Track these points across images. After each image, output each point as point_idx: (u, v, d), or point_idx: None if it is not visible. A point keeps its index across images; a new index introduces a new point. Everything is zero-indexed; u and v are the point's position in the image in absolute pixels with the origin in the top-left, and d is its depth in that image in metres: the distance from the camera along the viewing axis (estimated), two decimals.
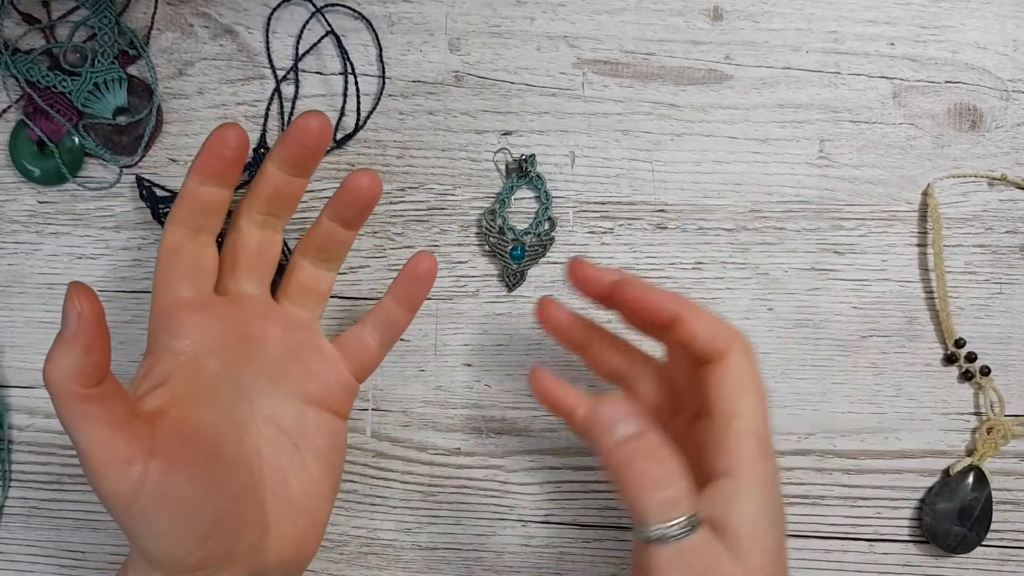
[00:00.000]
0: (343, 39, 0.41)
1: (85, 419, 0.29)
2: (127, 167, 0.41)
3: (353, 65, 0.41)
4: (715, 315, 0.33)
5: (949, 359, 0.42)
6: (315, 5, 0.41)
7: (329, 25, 0.41)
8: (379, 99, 0.41)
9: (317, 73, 0.41)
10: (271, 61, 0.41)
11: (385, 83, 0.41)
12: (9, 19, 0.40)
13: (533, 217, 0.42)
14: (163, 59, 0.41)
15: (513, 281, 0.42)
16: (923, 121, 0.42)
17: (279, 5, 0.41)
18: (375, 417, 0.42)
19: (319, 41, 0.41)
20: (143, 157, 0.41)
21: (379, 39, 0.41)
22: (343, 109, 0.41)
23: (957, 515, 0.41)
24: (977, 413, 0.42)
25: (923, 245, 0.42)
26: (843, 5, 0.42)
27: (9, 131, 0.41)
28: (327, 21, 0.41)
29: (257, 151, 0.41)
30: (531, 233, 0.41)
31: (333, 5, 0.41)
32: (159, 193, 0.41)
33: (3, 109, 0.41)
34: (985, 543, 0.42)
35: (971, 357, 0.42)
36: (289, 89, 0.41)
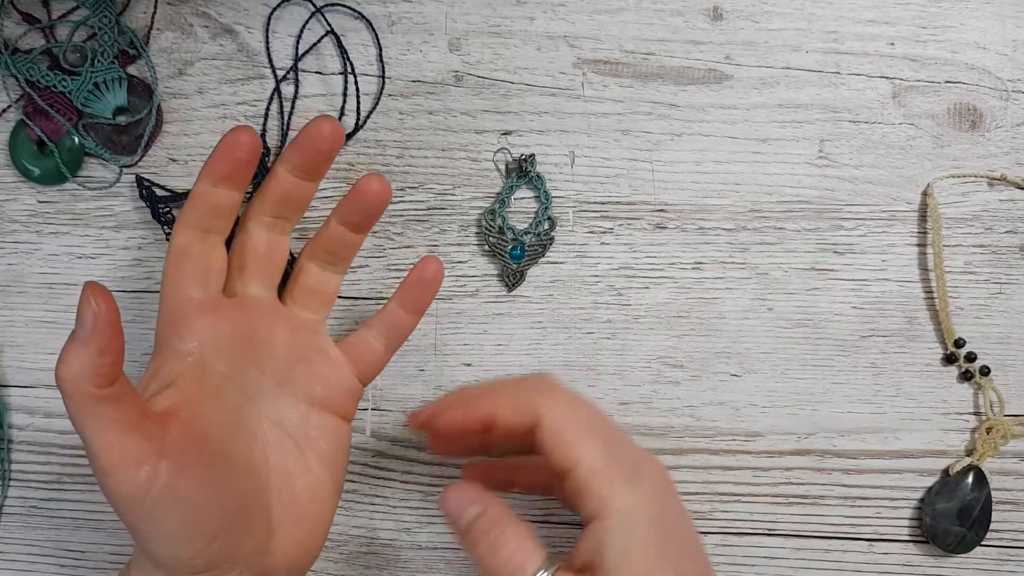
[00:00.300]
0: (343, 39, 0.41)
1: (97, 419, 0.29)
2: (127, 167, 0.41)
3: (353, 65, 0.41)
4: (513, 387, 0.33)
5: (949, 359, 0.42)
6: (315, 5, 0.41)
7: (329, 25, 0.41)
8: (379, 99, 0.41)
9: (317, 73, 0.41)
10: (271, 61, 0.41)
11: (385, 83, 0.41)
12: (9, 19, 0.40)
13: (533, 217, 0.42)
14: (163, 59, 0.41)
15: (513, 281, 0.42)
16: (923, 121, 0.42)
17: (279, 5, 0.41)
18: (375, 417, 0.42)
19: (319, 41, 0.41)
20: (143, 157, 0.41)
21: (379, 39, 0.41)
22: (343, 109, 0.41)
23: (957, 515, 0.41)
24: (977, 413, 0.42)
25: (923, 245, 0.42)
26: (843, 5, 0.42)
27: (9, 131, 0.41)
28: (327, 21, 0.41)
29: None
30: (531, 233, 0.41)
31: (333, 5, 0.41)
32: (159, 193, 0.41)
33: (3, 109, 0.41)
34: (984, 543, 0.42)
35: (971, 357, 0.42)
36: (289, 89, 0.41)
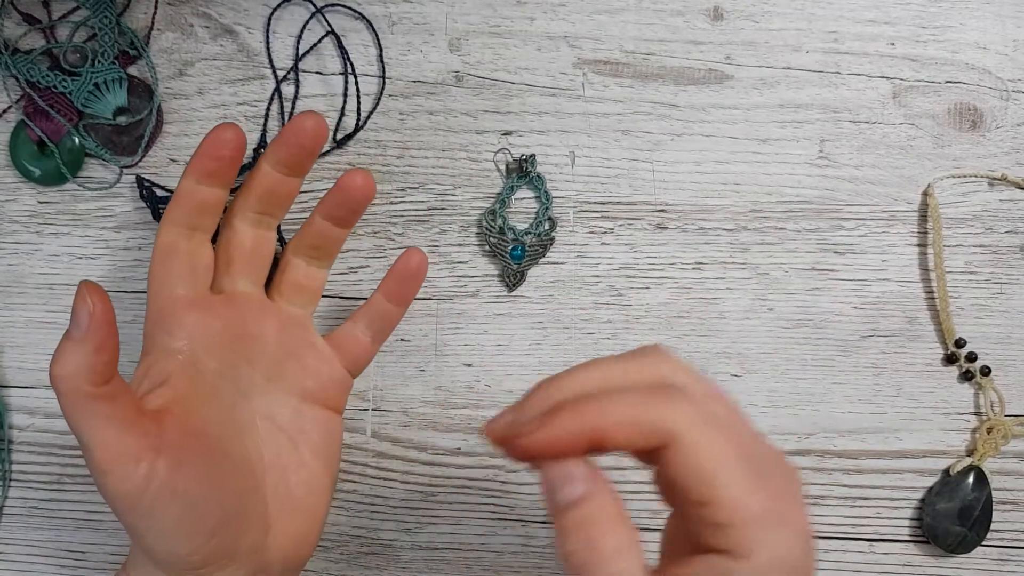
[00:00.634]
0: (343, 39, 0.41)
1: (93, 417, 0.29)
2: (127, 167, 0.41)
3: (353, 65, 0.41)
4: (631, 398, 0.26)
5: (949, 359, 0.42)
6: (315, 5, 0.41)
7: (329, 25, 0.41)
8: (379, 99, 0.41)
9: (317, 73, 0.41)
10: (271, 61, 0.41)
11: (385, 83, 0.41)
12: (9, 19, 0.40)
13: (533, 217, 0.42)
14: (163, 59, 0.41)
15: (513, 281, 0.42)
16: (923, 121, 0.42)
17: (279, 5, 0.41)
18: (375, 417, 0.42)
19: (319, 41, 0.41)
20: (143, 157, 0.41)
21: (379, 39, 0.41)
22: (343, 109, 0.41)
23: (957, 515, 0.41)
24: (977, 413, 0.42)
25: (923, 245, 0.42)
26: (843, 5, 0.42)
27: (9, 131, 0.41)
28: (327, 21, 0.41)
29: (257, 151, 0.41)
30: (531, 233, 0.41)
31: (333, 5, 0.41)
32: (159, 193, 0.41)
33: (3, 109, 0.41)
34: (985, 543, 0.42)
35: (971, 357, 0.42)
36: (289, 89, 0.41)
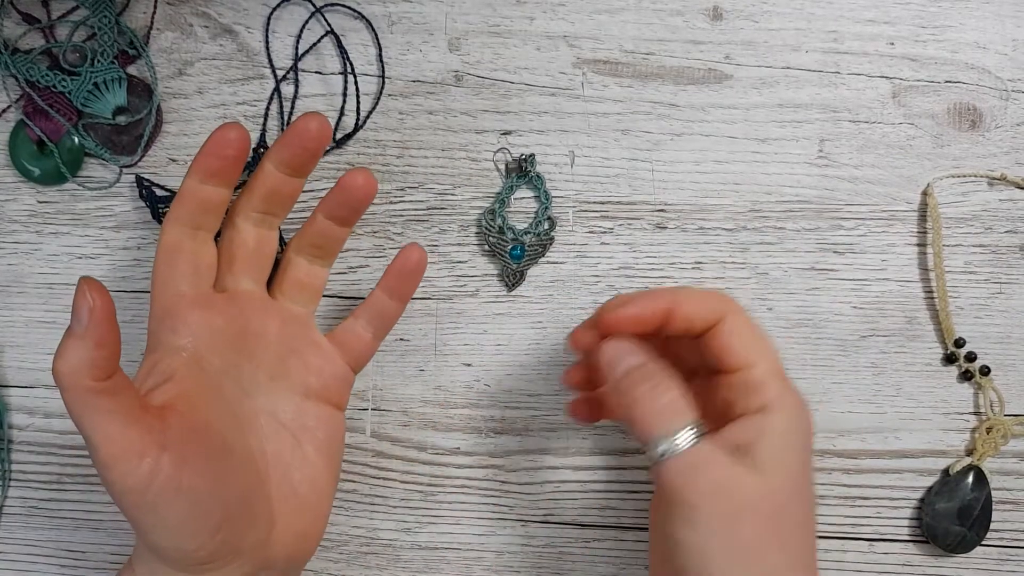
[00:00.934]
0: (343, 39, 0.41)
1: (97, 412, 0.29)
2: (127, 167, 0.41)
3: (353, 65, 0.41)
4: (697, 291, 0.34)
5: (949, 359, 0.42)
6: (315, 5, 0.41)
7: (329, 25, 0.41)
8: (379, 99, 0.41)
9: (317, 73, 0.41)
10: (271, 61, 0.41)
11: (385, 83, 0.41)
12: (9, 19, 0.40)
13: (533, 217, 0.42)
14: (163, 59, 0.41)
15: (513, 281, 0.42)
16: (923, 121, 0.42)
17: (279, 5, 0.41)
18: (375, 417, 0.42)
19: (319, 41, 0.41)
20: (143, 157, 0.41)
21: (379, 39, 0.41)
22: (343, 109, 0.41)
23: (957, 515, 0.41)
24: (977, 413, 0.42)
25: (923, 245, 0.42)
26: (843, 5, 0.42)
27: (9, 131, 0.41)
28: (327, 21, 0.41)
29: (257, 151, 0.41)
30: (531, 233, 0.41)
31: (333, 5, 0.41)
32: (159, 193, 0.41)
33: (3, 109, 0.41)
34: (985, 543, 0.42)
35: (971, 357, 0.42)
36: (289, 89, 0.41)
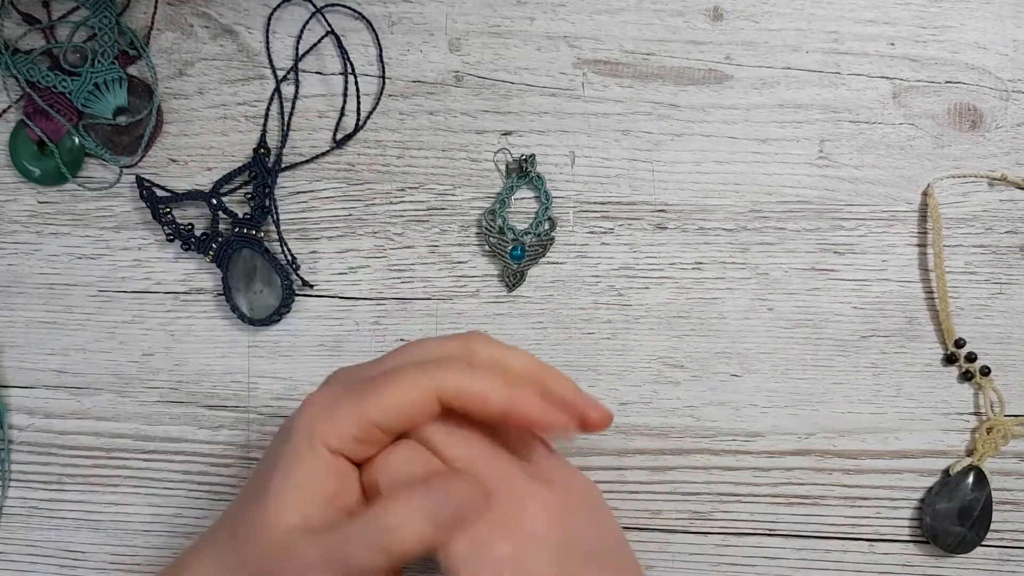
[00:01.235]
0: (343, 39, 0.41)
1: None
2: (127, 167, 0.41)
3: (353, 65, 0.41)
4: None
5: (949, 359, 0.42)
6: (315, 5, 0.41)
7: (329, 25, 0.41)
8: (379, 99, 0.41)
9: (317, 73, 0.41)
10: (271, 61, 0.41)
11: (385, 83, 0.41)
12: (9, 19, 0.40)
13: (533, 217, 0.42)
14: (163, 59, 0.41)
15: (513, 281, 0.42)
16: (923, 121, 0.42)
17: (279, 5, 0.41)
18: None
19: (319, 41, 0.41)
20: (143, 157, 0.41)
21: (379, 39, 0.41)
22: (343, 109, 0.41)
23: (957, 515, 0.41)
24: (977, 413, 0.42)
25: (923, 245, 0.42)
26: (843, 5, 0.42)
27: (9, 131, 0.41)
28: (327, 21, 0.41)
29: (257, 151, 0.41)
30: (531, 233, 0.41)
31: (333, 5, 0.41)
32: (159, 193, 0.41)
33: (3, 109, 0.41)
34: (985, 543, 0.42)
35: (971, 357, 0.42)
36: (289, 89, 0.41)
